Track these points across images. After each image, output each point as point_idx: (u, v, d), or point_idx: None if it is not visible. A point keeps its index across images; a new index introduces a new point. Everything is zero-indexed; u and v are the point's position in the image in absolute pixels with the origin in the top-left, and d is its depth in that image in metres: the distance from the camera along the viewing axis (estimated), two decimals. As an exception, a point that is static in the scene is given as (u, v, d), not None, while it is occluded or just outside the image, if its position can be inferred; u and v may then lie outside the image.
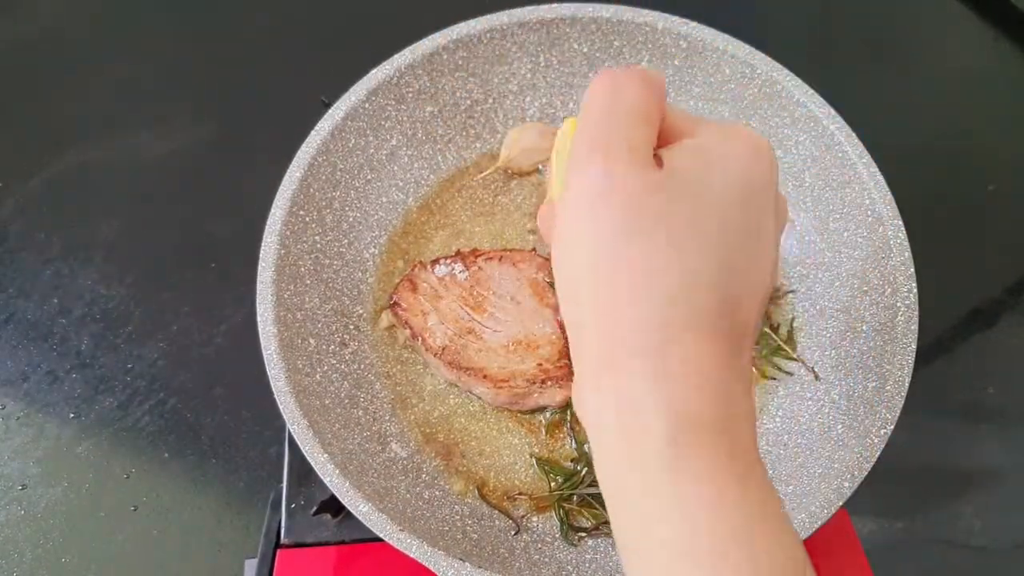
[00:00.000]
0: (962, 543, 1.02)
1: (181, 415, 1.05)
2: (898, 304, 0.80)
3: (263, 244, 0.83)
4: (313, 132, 0.89)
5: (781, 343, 0.88)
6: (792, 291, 0.92)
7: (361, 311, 0.91)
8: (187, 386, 1.06)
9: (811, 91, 0.90)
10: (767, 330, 0.89)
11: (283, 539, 0.84)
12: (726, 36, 0.93)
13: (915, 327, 0.80)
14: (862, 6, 1.47)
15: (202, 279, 1.13)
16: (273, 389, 0.77)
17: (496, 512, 0.82)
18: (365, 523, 0.71)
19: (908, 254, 0.82)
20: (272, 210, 0.85)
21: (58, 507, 0.99)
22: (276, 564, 0.82)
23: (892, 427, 0.75)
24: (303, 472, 0.86)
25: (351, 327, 0.89)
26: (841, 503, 0.73)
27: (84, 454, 1.02)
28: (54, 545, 0.97)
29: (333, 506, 0.83)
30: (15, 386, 1.06)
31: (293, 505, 0.85)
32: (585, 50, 0.97)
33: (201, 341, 1.09)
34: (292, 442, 0.87)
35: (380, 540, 0.71)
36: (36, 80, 1.32)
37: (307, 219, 0.87)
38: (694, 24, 0.94)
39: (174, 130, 1.26)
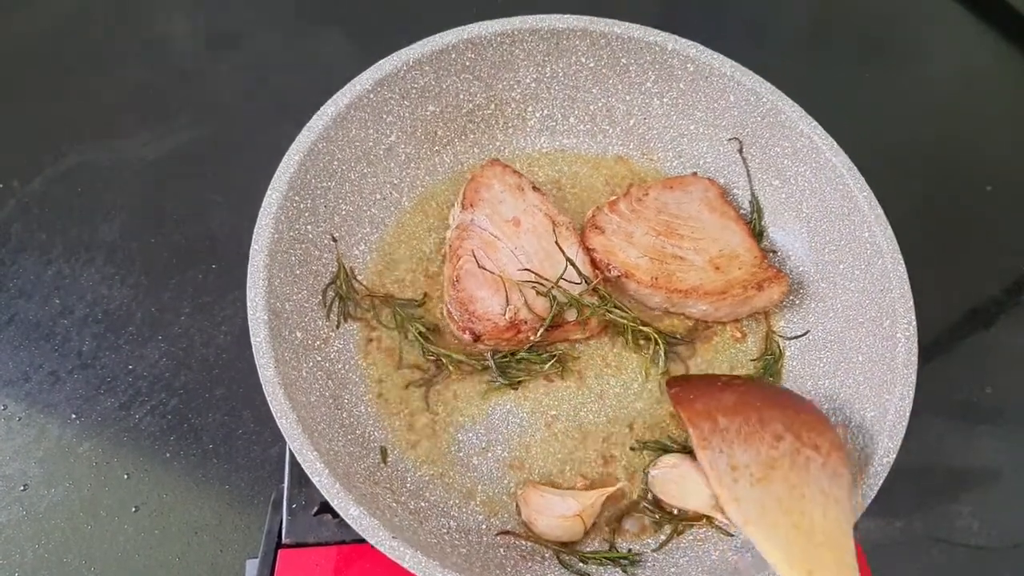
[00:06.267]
0: (960, 542, 1.03)
1: (182, 415, 1.03)
2: (898, 335, 0.80)
3: (257, 226, 0.81)
4: (315, 116, 0.87)
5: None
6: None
7: (348, 308, 0.89)
8: (188, 386, 1.05)
9: (815, 123, 0.90)
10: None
11: (284, 539, 0.82)
12: (733, 63, 0.92)
13: (915, 359, 0.79)
14: (861, 8, 1.47)
15: (202, 279, 1.12)
16: (261, 379, 0.75)
17: (484, 526, 0.80)
18: (355, 528, 0.69)
19: (908, 287, 0.82)
20: (268, 192, 0.83)
21: (59, 507, 0.98)
22: (277, 564, 0.81)
23: (895, 455, 0.75)
24: (304, 472, 0.87)
25: (337, 324, 0.87)
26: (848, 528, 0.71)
27: (85, 454, 1.02)
28: (55, 545, 0.96)
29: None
30: (17, 386, 1.05)
31: (294, 505, 0.84)
32: (592, 64, 0.96)
33: (202, 342, 1.09)
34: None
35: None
36: (37, 81, 1.30)
37: (301, 206, 0.85)
38: (703, 48, 0.93)
39: (174, 130, 1.25)
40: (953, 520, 1.02)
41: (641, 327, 0.88)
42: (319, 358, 0.84)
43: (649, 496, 0.83)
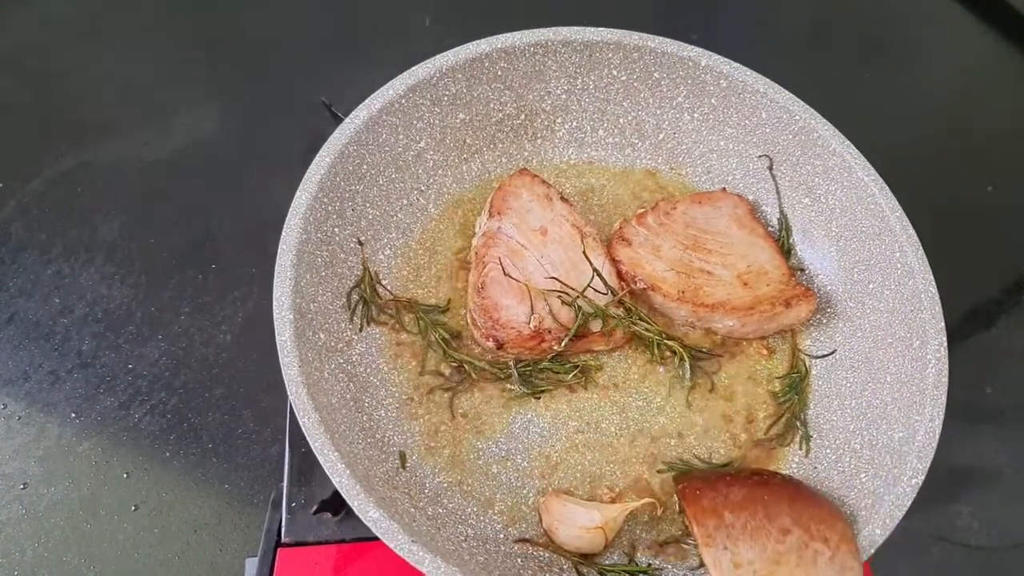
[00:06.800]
0: (960, 542, 1.02)
1: (182, 414, 1.03)
2: (928, 356, 0.78)
3: (286, 226, 0.80)
4: (347, 120, 0.86)
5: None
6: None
7: (372, 312, 0.88)
8: (188, 386, 1.04)
9: (847, 141, 0.89)
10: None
11: (284, 538, 0.82)
12: (767, 80, 0.91)
13: (945, 379, 0.78)
14: (862, 8, 1.47)
15: (202, 279, 1.11)
16: (285, 378, 0.73)
17: (502, 536, 0.79)
18: (375, 531, 0.68)
19: (939, 307, 0.81)
20: (298, 193, 0.81)
21: (59, 506, 0.97)
22: (277, 563, 0.80)
23: (923, 477, 0.74)
24: (304, 471, 0.84)
25: (360, 327, 0.86)
26: (873, 550, 0.71)
27: (85, 453, 1.01)
28: (55, 544, 0.95)
29: (333, 505, 0.80)
30: (16, 385, 1.04)
31: (294, 504, 0.83)
32: (623, 78, 0.95)
33: (202, 341, 1.08)
34: (293, 441, 0.84)
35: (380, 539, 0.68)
36: (36, 80, 1.29)
37: (329, 208, 0.84)
38: (736, 64, 0.92)
39: (174, 130, 1.25)
40: (953, 520, 1.02)
41: (667, 340, 0.86)
42: (341, 360, 0.83)
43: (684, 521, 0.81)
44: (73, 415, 1.04)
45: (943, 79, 1.39)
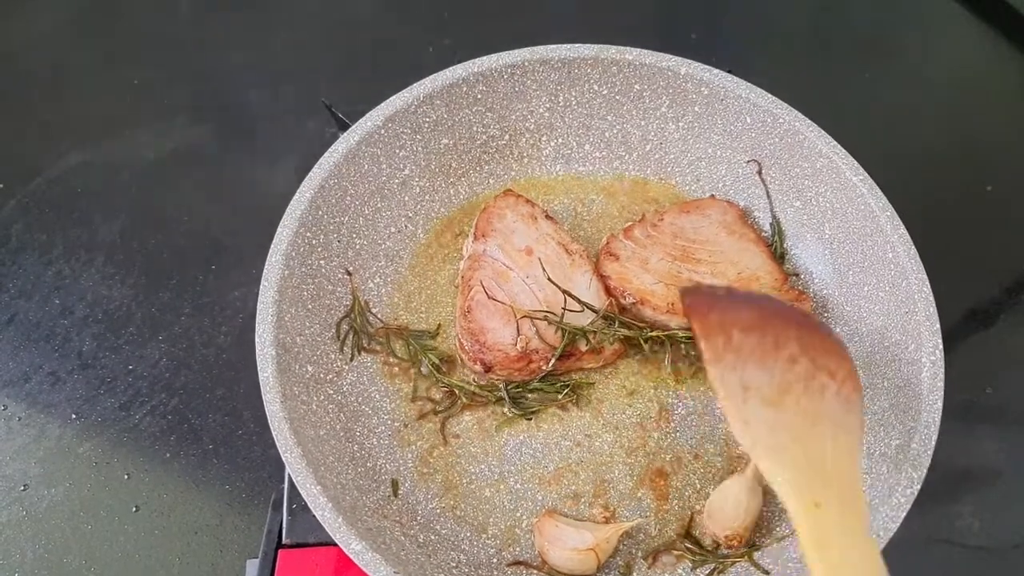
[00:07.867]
0: (960, 542, 1.02)
1: (183, 415, 1.01)
2: (923, 359, 0.77)
3: (267, 263, 0.79)
4: (326, 154, 0.85)
5: None
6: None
7: (363, 342, 0.87)
8: (188, 387, 1.03)
9: (834, 143, 0.87)
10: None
11: (284, 539, 0.81)
12: (748, 84, 0.90)
13: (941, 383, 0.75)
14: (861, 8, 1.47)
15: (203, 279, 1.10)
16: (267, 413, 0.73)
17: (495, 560, 0.78)
18: (357, 562, 0.67)
19: (933, 308, 0.78)
20: (279, 229, 0.81)
21: (60, 507, 0.96)
22: (277, 564, 0.80)
23: (919, 486, 0.71)
24: None
25: (351, 357, 0.86)
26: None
27: (86, 455, 1.00)
28: (56, 545, 0.94)
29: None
30: (17, 387, 1.03)
31: (295, 505, 0.82)
32: (605, 92, 0.94)
33: (202, 342, 1.07)
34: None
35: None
36: (37, 81, 1.27)
37: (313, 242, 0.84)
38: (717, 71, 0.90)
39: (174, 130, 1.23)
40: (953, 520, 1.02)
41: (651, 333, 0.86)
42: (331, 391, 0.82)
43: (694, 531, 0.80)
44: (73, 416, 1.03)
45: (943, 79, 1.38)
